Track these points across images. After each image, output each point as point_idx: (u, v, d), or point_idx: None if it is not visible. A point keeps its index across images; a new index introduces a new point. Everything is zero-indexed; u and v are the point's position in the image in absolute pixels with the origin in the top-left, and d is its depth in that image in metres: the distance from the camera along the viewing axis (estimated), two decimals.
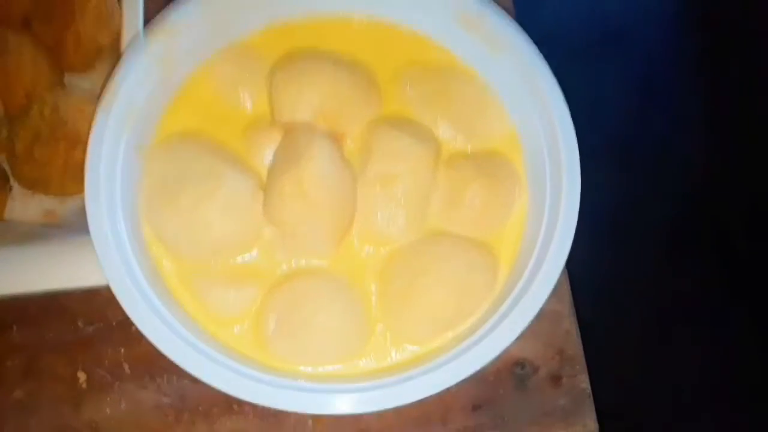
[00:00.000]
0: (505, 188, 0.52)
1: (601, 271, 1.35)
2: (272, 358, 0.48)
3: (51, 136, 0.54)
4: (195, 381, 0.57)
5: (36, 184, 0.56)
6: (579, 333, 0.61)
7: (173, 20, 0.50)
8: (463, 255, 0.50)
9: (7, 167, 0.59)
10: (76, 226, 0.56)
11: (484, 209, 0.52)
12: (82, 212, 0.48)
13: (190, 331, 0.47)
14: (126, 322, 0.58)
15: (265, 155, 0.52)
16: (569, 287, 0.63)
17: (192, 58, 0.53)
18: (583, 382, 0.60)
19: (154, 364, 0.58)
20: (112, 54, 0.59)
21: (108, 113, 0.47)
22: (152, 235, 0.50)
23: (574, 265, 0.64)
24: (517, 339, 0.60)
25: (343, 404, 0.45)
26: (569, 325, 0.61)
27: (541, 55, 0.52)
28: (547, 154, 0.51)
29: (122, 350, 0.58)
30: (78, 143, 0.54)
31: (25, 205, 0.60)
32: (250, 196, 0.50)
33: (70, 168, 0.55)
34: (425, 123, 0.54)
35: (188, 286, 0.50)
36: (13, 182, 0.59)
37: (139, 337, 0.58)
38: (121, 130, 0.49)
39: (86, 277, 0.52)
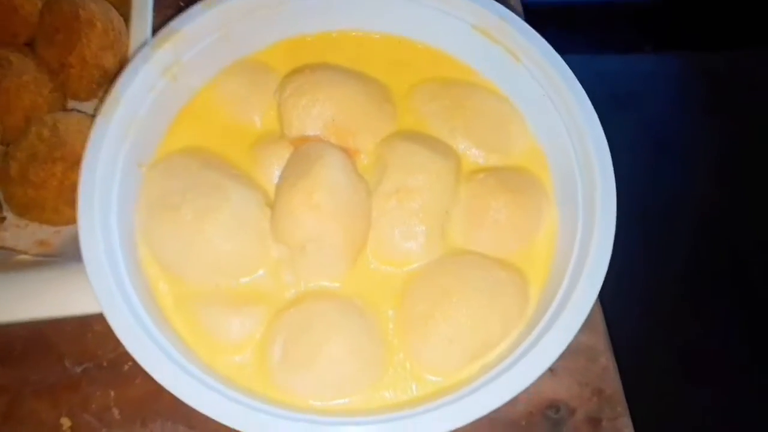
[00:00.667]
0: (531, 203, 0.48)
1: (631, 309, 1.30)
2: (277, 390, 0.43)
3: (48, 156, 0.51)
4: (192, 427, 0.52)
5: (29, 209, 0.52)
6: (617, 370, 0.55)
7: (181, 30, 0.48)
8: (489, 276, 0.46)
9: (0, 193, 0.56)
10: (71, 254, 0.52)
11: (509, 225, 0.47)
12: (76, 241, 0.44)
13: (189, 360, 0.41)
14: (118, 361, 0.54)
15: (273, 172, 0.49)
16: (604, 320, 0.57)
17: (199, 70, 0.51)
18: (626, 425, 0.53)
19: (147, 408, 0.52)
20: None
21: (108, 122, 0.44)
22: (149, 254, 0.46)
23: (606, 301, 0.59)
24: (547, 377, 0.55)
25: None
26: (606, 361, 0.55)
27: (565, 64, 0.49)
28: (578, 171, 0.48)
29: (112, 393, 0.52)
30: (76, 164, 0.51)
31: (18, 237, 0.56)
32: (257, 212, 0.46)
33: (65, 190, 0.51)
34: (443, 138, 0.51)
35: (186, 310, 0.45)
36: (6, 212, 0.56)
37: (132, 377, 0.53)
38: (121, 141, 0.46)
39: (78, 304, 0.47)
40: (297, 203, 0.44)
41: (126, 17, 0.60)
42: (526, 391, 0.53)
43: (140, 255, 0.46)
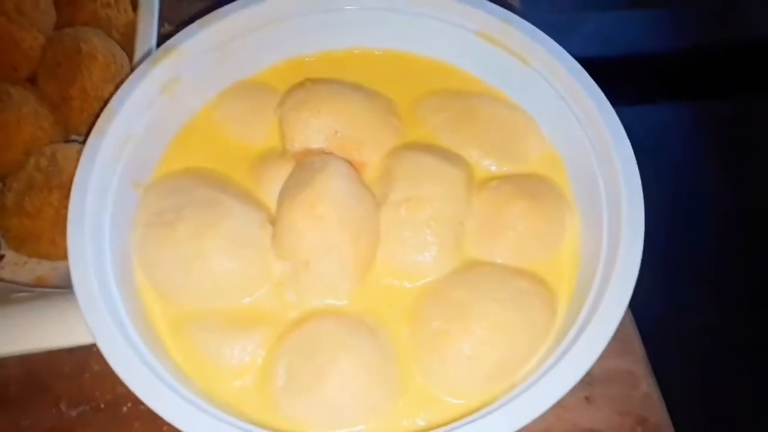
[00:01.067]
0: (552, 209, 0.45)
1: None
2: (281, 419, 0.39)
3: (44, 185, 0.50)
4: None
5: (25, 242, 0.50)
6: (661, 396, 0.50)
7: (179, 46, 0.47)
8: (510, 286, 0.42)
9: None
10: (70, 291, 0.50)
11: (529, 232, 0.44)
12: None
13: (187, 388, 0.38)
14: (116, 403, 0.50)
15: (275, 189, 0.46)
16: (641, 343, 0.53)
17: (199, 90, 0.49)
18: None
19: None
20: None
21: (102, 137, 0.43)
22: (144, 277, 0.43)
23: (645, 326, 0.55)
24: (585, 399, 0.50)
25: None
26: (647, 386, 0.50)
27: (577, 63, 0.46)
28: (599, 172, 0.44)
29: None
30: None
31: (15, 275, 0.54)
32: (258, 229, 0.44)
33: (62, 220, 0.48)
34: (453, 148, 0.48)
35: (182, 335, 0.42)
36: (4, 249, 0.54)
37: (131, 419, 0.49)
38: (115, 159, 0.44)
39: (74, 335, 0.45)
40: (299, 216, 0.42)
41: (130, 55, 0.60)
42: (560, 421, 0.49)
43: (136, 279, 0.43)
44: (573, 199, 0.47)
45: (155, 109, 0.46)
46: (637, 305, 0.50)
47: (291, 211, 0.42)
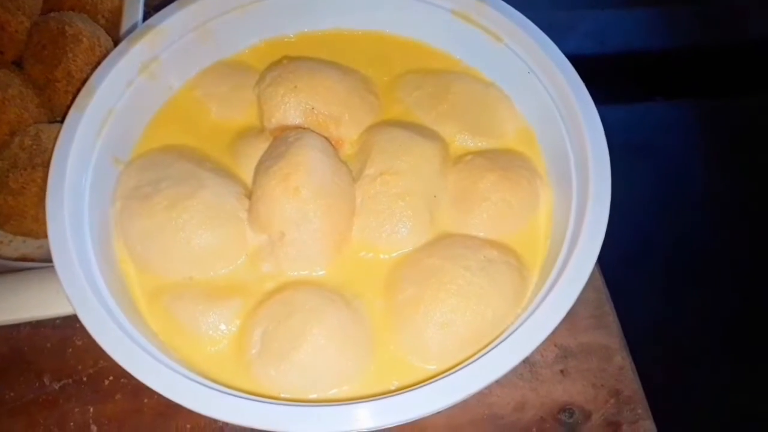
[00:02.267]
0: (524, 182, 0.46)
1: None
2: (256, 384, 0.39)
3: (28, 163, 0.50)
4: None
5: (9, 218, 0.51)
6: (635, 369, 0.51)
7: (158, 26, 0.48)
8: (480, 254, 0.42)
9: None
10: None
11: (501, 205, 0.45)
12: None
13: (165, 355, 0.38)
14: (97, 376, 0.51)
15: (252, 165, 0.47)
16: (617, 318, 0.53)
17: (178, 69, 0.50)
18: (649, 429, 0.48)
19: (127, 425, 0.48)
20: None
21: (81, 112, 0.43)
22: (123, 248, 0.44)
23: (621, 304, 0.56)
24: (560, 372, 0.50)
25: (357, 417, 0.34)
26: (622, 360, 0.51)
27: (549, 40, 0.47)
28: (569, 144, 0.45)
29: (91, 409, 0.49)
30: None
31: None
32: (234, 201, 0.44)
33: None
34: (429, 124, 0.49)
35: (159, 305, 0.42)
36: None
37: (112, 392, 0.50)
38: (95, 134, 0.44)
39: (54, 306, 0.45)
40: (274, 187, 0.42)
41: (116, 41, 0.61)
42: (536, 394, 0.50)
43: (115, 251, 0.44)
44: (546, 173, 0.48)
45: (135, 87, 0.47)
46: (625, 300, 0.51)
47: (266, 183, 0.43)
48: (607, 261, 0.41)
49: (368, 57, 0.53)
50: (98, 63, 0.56)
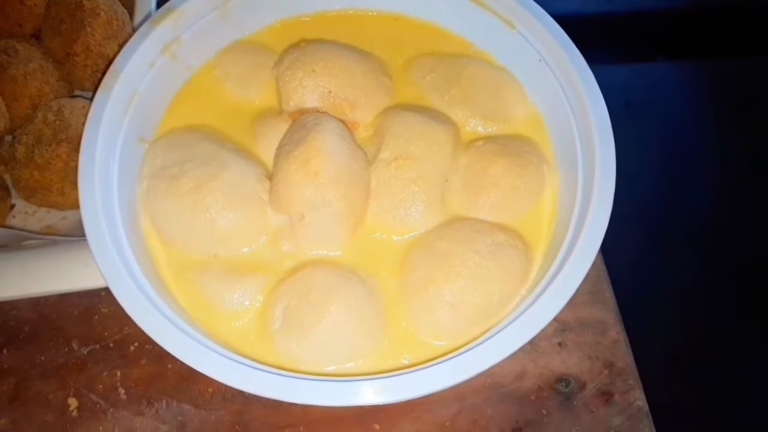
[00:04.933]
0: (531, 167, 0.48)
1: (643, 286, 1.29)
2: (278, 357, 0.43)
3: (53, 139, 0.52)
4: (197, 406, 0.52)
5: (36, 192, 0.53)
6: (628, 343, 0.54)
7: (179, 8, 0.49)
8: (489, 238, 0.45)
9: (9, 182, 0.57)
10: (78, 238, 0.53)
11: (509, 190, 0.47)
12: (82, 227, 0.44)
13: (191, 327, 0.41)
14: (123, 342, 0.54)
15: (272, 146, 0.49)
16: (613, 294, 0.56)
17: (199, 50, 0.51)
18: (639, 398, 0.52)
19: (152, 388, 0.52)
20: None
21: (109, 94, 0.45)
22: (150, 226, 0.46)
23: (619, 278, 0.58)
24: (558, 345, 0.53)
25: (364, 394, 0.37)
26: (616, 334, 0.54)
27: (559, 27, 0.49)
28: (576, 130, 0.47)
29: (118, 373, 0.52)
30: (80, 146, 0.52)
31: (25, 223, 0.57)
32: (256, 183, 0.47)
33: (71, 172, 0.52)
34: (441, 108, 0.51)
35: (186, 280, 0.45)
36: (15, 198, 0.57)
37: (138, 357, 0.53)
38: (122, 114, 0.46)
39: (85, 279, 0.48)
40: (294, 171, 0.44)
41: (130, 11, 0.62)
42: (535, 365, 0.53)
43: (142, 228, 0.46)
44: (553, 158, 0.50)
45: (157, 67, 0.49)
46: (616, 257, 0.53)
47: (286, 167, 0.45)
48: None
49: (383, 39, 0.55)
50: (115, 36, 0.57)
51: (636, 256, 1.39)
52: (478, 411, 0.51)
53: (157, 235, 0.46)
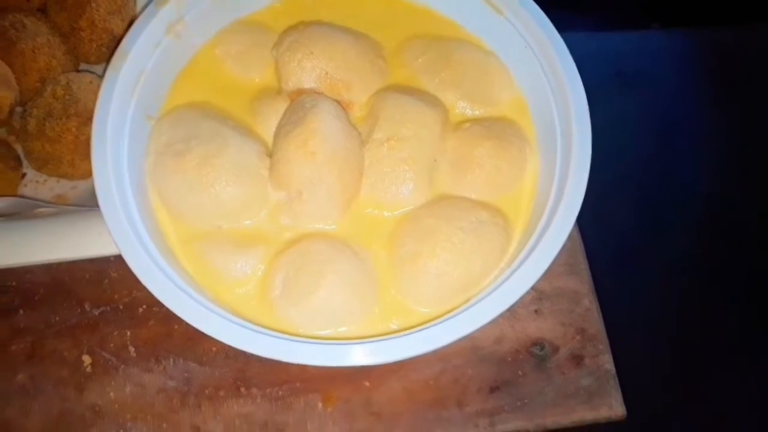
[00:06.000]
0: (514, 149, 0.51)
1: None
2: (278, 321, 0.47)
3: (63, 113, 0.55)
4: (202, 363, 0.56)
5: (47, 163, 0.56)
6: (600, 311, 0.59)
7: None
8: (472, 216, 0.49)
9: (20, 151, 0.59)
10: (87, 207, 0.56)
11: (493, 170, 0.50)
12: (92, 196, 0.48)
13: (198, 293, 0.45)
14: (133, 304, 0.58)
15: (271, 124, 0.52)
16: (587, 265, 0.61)
17: (202, 29, 0.54)
18: (607, 362, 0.57)
19: (160, 347, 0.56)
20: None
21: (117, 74, 0.48)
22: (158, 198, 0.50)
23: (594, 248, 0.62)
24: (532, 318, 0.58)
25: (355, 355, 0.42)
26: (589, 303, 0.59)
27: (544, 15, 0.51)
28: (556, 114, 0.50)
29: (128, 333, 0.56)
30: (89, 120, 0.54)
31: (36, 191, 0.60)
32: (256, 160, 0.50)
33: (81, 144, 0.55)
34: (432, 90, 0.54)
35: (192, 250, 0.49)
36: (26, 168, 0.60)
37: (146, 318, 0.57)
38: (130, 93, 0.49)
39: (97, 246, 0.51)
40: (293, 150, 0.48)
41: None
42: (513, 330, 0.58)
43: (151, 199, 0.50)
44: (535, 141, 0.53)
45: (162, 47, 0.51)
46: (600, 225, 0.56)
47: (286, 146, 0.48)
48: (588, 187, 0.47)
49: (378, 19, 0.57)
50: (119, 11, 0.60)
51: (620, 225, 1.43)
52: (459, 371, 0.56)
53: (165, 208, 0.49)
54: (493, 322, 0.43)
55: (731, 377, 1.29)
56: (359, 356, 0.41)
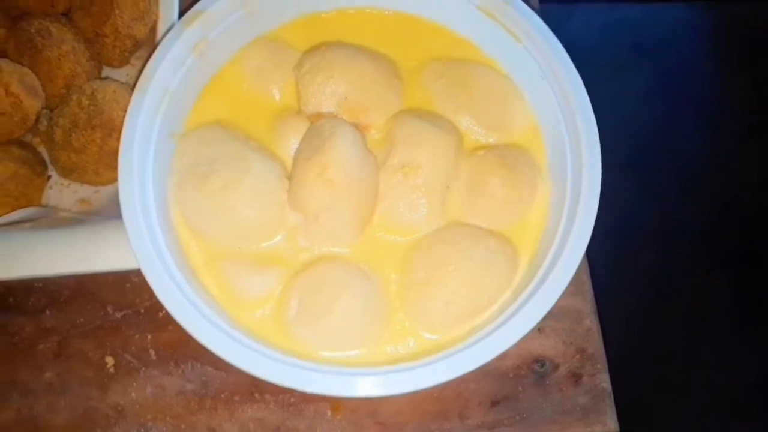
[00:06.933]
0: (526, 180, 0.53)
1: (626, 273, 1.35)
2: (292, 342, 0.49)
3: (88, 124, 0.56)
4: (218, 368, 0.59)
5: (72, 171, 0.58)
6: (600, 331, 0.61)
7: (208, 9, 0.52)
8: (482, 246, 0.51)
9: (46, 156, 0.61)
10: (110, 214, 0.58)
11: (504, 200, 0.52)
12: (115, 201, 0.50)
13: (215, 313, 0.47)
14: (153, 309, 0.60)
15: (291, 145, 0.54)
16: (591, 285, 0.62)
17: (224, 47, 0.55)
18: (604, 381, 0.59)
19: (179, 351, 0.59)
20: (148, 49, 0.62)
21: (144, 95, 0.49)
22: (180, 216, 0.52)
23: (598, 269, 0.64)
24: (535, 335, 0.60)
25: (363, 387, 0.44)
26: (590, 323, 0.61)
27: (562, 47, 0.52)
28: (568, 146, 0.52)
29: (149, 336, 0.59)
30: (113, 131, 0.56)
31: (61, 194, 0.62)
32: (276, 182, 0.51)
33: (105, 155, 0.57)
34: (447, 115, 0.55)
35: (213, 269, 0.51)
36: (51, 171, 0.62)
37: (166, 323, 0.60)
38: (155, 112, 0.50)
39: (115, 261, 0.54)
40: (312, 177, 0.49)
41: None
42: (516, 346, 0.60)
43: (173, 217, 0.52)
44: (546, 169, 0.54)
45: (187, 66, 0.52)
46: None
47: (304, 173, 0.50)
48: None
49: (397, 39, 0.58)
50: (142, 17, 0.61)
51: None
52: (462, 385, 0.58)
53: (187, 227, 0.51)
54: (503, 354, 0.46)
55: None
56: (368, 388, 0.44)
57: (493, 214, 0.52)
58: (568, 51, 0.52)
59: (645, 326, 1.35)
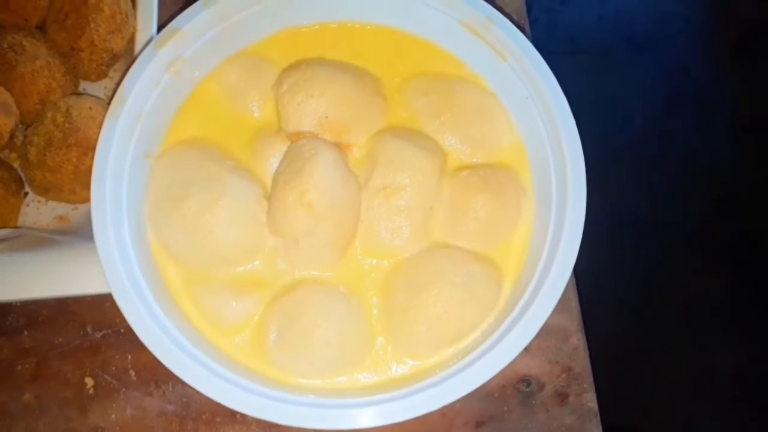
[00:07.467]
0: (510, 202, 0.52)
1: (617, 280, 1.34)
2: (272, 368, 0.48)
3: (63, 143, 0.55)
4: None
5: (48, 191, 0.57)
6: (587, 349, 0.60)
7: (183, 27, 0.50)
8: (465, 270, 0.50)
9: (22, 173, 0.60)
10: (88, 231, 0.57)
11: (488, 222, 0.51)
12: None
13: (191, 341, 0.47)
14: (132, 329, 0.59)
15: (271, 164, 0.52)
16: (578, 303, 0.62)
17: (201, 64, 0.53)
18: (590, 400, 0.59)
19: (160, 372, 0.58)
20: (126, 61, 0.61)
21: (116, 119, 0.48)
22: (157, 242, 0.50)
23: (585, 278, 0.63)
24: (520, 354, 0.59)
25: (343, 420, 0.44)
26: (577, 341, 0.60)
27: (547, 66, 0.51)
28: (552, 165, 0.50)
29: (129, 357, 0.58)
30: (89, 150, 0.55)
31: (39, 212, 0.61)
32: (255, 204, 0.50)
33: (81, 174, 0.56)
34: (431, 134, 0.54)
35: (191, 293, 0.50)
36: (27, 188, 0.61)
37: None
38: (129, 135, 0.49)
39: (92, 284, 0.53)
40: (291, 201, 0.48)
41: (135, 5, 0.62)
42: None
43: (150, 241, 0.51)
44: (531, 188, 0.53)
45: (161, 86, 0.51)
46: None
47: (284, 197, 0.49)
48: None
49: (380, 54, 0.56)
50: (119, 30, 0.59)
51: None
52: (447, 405, 0.58)
53: (165, 251, 0.50)
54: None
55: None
56: (364, 419, 0.44)
57: (476, 236, 0.51)
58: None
59: (634, 340, 1.35)
